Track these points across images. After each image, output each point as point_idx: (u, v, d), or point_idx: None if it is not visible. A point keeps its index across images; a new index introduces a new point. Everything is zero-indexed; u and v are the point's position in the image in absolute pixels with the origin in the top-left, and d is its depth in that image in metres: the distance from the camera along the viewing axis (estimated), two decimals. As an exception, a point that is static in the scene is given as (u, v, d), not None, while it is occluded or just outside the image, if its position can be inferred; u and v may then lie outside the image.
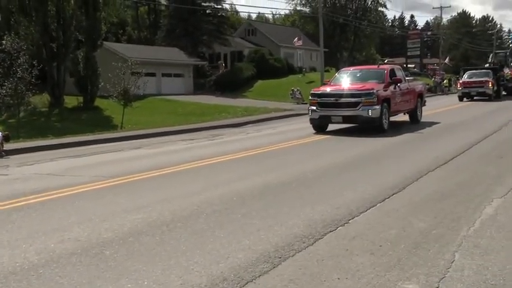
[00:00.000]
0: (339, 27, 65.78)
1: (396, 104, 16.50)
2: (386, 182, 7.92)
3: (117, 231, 5.72)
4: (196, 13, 51.84)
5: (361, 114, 14.98)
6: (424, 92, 20.09)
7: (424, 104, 19.49)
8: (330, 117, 15.63)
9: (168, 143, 15.60)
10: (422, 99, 19.31)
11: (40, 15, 30.40)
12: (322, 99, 15.85)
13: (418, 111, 18.56)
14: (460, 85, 34.05)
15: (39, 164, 11.72)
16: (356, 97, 15.18)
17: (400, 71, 18.36)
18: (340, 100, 15.44)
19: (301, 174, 9.01)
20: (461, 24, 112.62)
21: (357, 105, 15.03)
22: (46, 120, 28.38)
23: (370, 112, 14.85)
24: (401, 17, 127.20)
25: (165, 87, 44.15)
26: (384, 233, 5.40)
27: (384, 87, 15.82)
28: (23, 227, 6.05)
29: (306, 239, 5.25)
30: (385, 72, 16.76)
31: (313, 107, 15.93)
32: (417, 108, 18.46)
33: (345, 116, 15.39)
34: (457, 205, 6.51)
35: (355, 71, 18.42)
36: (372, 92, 14.97)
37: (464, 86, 33.26)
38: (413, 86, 18.75)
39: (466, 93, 32.89)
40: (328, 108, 15.58)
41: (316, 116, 15.85)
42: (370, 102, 14.86)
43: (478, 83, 32.65)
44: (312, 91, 16.86)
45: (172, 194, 7.57)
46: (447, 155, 10.50)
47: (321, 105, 15.72)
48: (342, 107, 15.41)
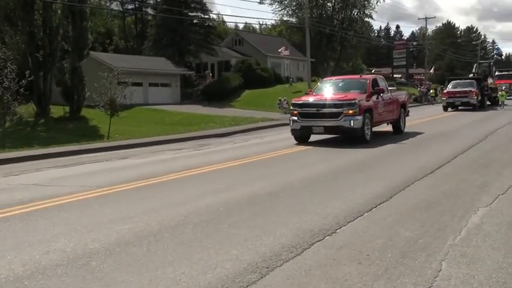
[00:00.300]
0: (326, 37, 66.08)
1: (379, 114, 16.37)
2: (373, 192, 7.95)
3: (103, 242, 5.68)
4: (184, 23, 51.92)
5: (343, 125, 14.83)
6: (407, 102, 19.98)
7: (407, 114, 19.43)
8: (311, 127, 15.46)
9: (155, 152, 15.55)
10: (406, 110, 19.24)
11: (26, 24, 30.26)
12: (303, 109, 15.62)
13: (401, 122, 18.44)
14: (445, 95, 34.35)
15: (24, 174, 11.63)
16: (338, 107, 14.97)
17: (382, 81, 18.21)
18: (321, 110, 15.25)
19: (288, 183, 9.02)
20: (446, 34, 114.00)
21: (338, 116, 14.84)
22: (32, 130, 28.18)
23: (352, 122, 14.69)
24: (387, 27, 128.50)
25: (152, 97, 44.09)
26: (371, 243, 5.41)
27: (366, 98, 15.69)
28: (8, 238, 5.99)
29: (294, 248, 5.25)
30: (368, 82, 16.62)
31: (294, 118, 15.70)
32: (400, 119, 18.34)
33: (326, 126, 15.19)
34: (443, 214, 6.55)
35: (337, 80, 18.23)
36: (353, 102, 14.82)
37: (448, 96, 33.55)
38: (396, 96, 18.63)
39: (450, 103, 33.18)
40: (310, 118, 15.37)
41: (298, 126, 15.65)
42: (352, 112, 14.70)
43: (463, 93, 32.95)
44: (293, 101, 16.69)
45: (159, 204, 7.53)
46: (432, 165, 10.56)
47: (302, 115, 15.51)
48: (323, 118, 15.19)
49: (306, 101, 16.07)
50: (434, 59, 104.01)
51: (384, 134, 17.64)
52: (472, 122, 23.03)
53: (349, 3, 69.03)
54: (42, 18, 31.37)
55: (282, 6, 69.92)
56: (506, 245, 5.27)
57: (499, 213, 6.59)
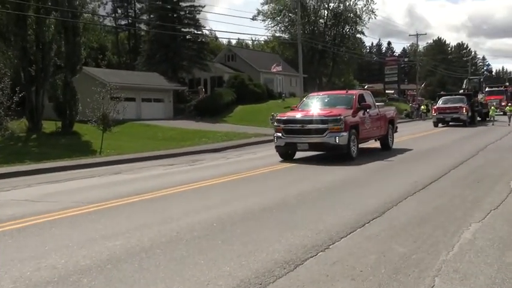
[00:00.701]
0: (318, 53, 66.59)
1: (365, 130, 16.07)
2: (366, 207, 7.95)
3: (95, 259, 5.63)
4: (177, 39, 52.11)
5: (328, 141, 14.52)
6: (396, 118, 19.68)
7: (395, 130, 19.17)
8: (296, 144, 15.07)
9: (148, 168, 15.50)
10: (394, 126, 18.94)
11: (19, 39, 30.24)
12: (288, 125, 15.30)
13: (389, 138, 18.13)
14: (435, 111, 34.39)
15: (16, 189, 11.55)
16: (322, 123, 14.69)
17: (369, 96, 17.85)
18: (306, 126, 14.96)
19: (281, 199, 9.00)
20: (437, 51, 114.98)
21: (323, 132, 14.54)
22: (24, 146, 28.03)
23: (337, 139, 14.38)
24: (378, 43, 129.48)
25: (144, 112, 44.07)
26: (364, 258, 5.40)
27: (353, 113, 15.42)
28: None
29: (287, 264, 5.23)
30: (354, 97, 16.32)
31: (279, 134, 15.33)
32: (388, 135, 18.04)
33: (311, 143, 14.87)
34: (436, 229, 6.56)
35: (323, 96, 17.93)
36: (339, 118, 14.51)
37: (439, 112, 33.62)
38: (383, 111, 18.25)
39: (440, 119, 33.25)
40: (294, 134, 15.07)
41: (282, 143, 15.29)
42: (337, 128, 14.40)
43: (453, 108, 33.07)
44: (277, 117, 16.31)
45: (151, 220, 7.49)
46: (423, 181, 10.57)
47: (287, 131, 15.18)
48: (308, 134, 14.90)
49: (290, 117, 15.74)
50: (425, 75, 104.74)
51: (371, 150, 17.49)
52: (463, 138, 23.13)
53: (341, 20, 69.68)
54: (35, 33, 31.37)
55: (274, 23, 70.65)
56: (499, 261, 5.27)
57: (492, 228, 6.60)
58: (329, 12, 70.92)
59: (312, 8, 69.95)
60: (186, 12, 54.89)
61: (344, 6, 69.86)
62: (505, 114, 37.30)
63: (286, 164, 14.67)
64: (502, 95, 54.06)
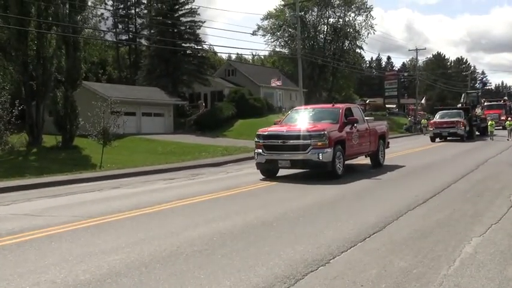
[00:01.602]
0: (318, 68, 66.81)
1: (353, 146, 15.28)
2: (367, 221, 7.93)
3: (94, 273, 5.61)
4: (177, 53, 52.37)
5: (310, 158, 13.64)
6: (387, 133, 18.80)
7: (387, 146, 18.49)
8: (277, 161, 14.17)
9: (148, 182, 15.48)
10: (385, 141, 18.19)
11: (20, 54, 30.36)
12: (268, 141, 14.38)
13: (380, 154, 17.27)
14: (432, 125, 33.94)
15: (16, 203, 11.52)
16: (305, 139, 13.81)
17: (358, 110, 17.03)
18: (287, 142, 14.03)
19: (282, 213, 8.98)
20: (437, 65, 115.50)
21: (306, 148, 13.67)
22: (24, 160, 28.01)
23: (321, 156, 13.52)
24: (378, 58, 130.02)
25: (145, 127, 44.13)
26: (365, 273, 5.38)
27: (339, 128, 14.62)
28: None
29: (287, 279, 5.21)
30: (340, 111, 15.44)
31: (259, 150, 14.48)
32: (379, 151, 17.21)
33: (293, 160, 13.95)
34: (437, 244, 6.54)
35: (308, 110, 17.04)
36: (322, 134, 13.70)
37: (435, 127, 33.13)
38: (373, 126, 17.32)
39: (437, 134, 32.83)
40: (275, 151, 14.17)
41: (263, 160, 14.40)
42: (321, 144, 13.57)
43: (450, 123, 32.57)
44: (258, 132, 15.11)
45: (151, 234, 7.47)
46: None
47: (267, 148, 14.30)
48: (289, 150, 13.98)
49: (271, 132, 14.79)
50: (425, 90, 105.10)
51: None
52: (461, 153, 23.08)
53: (340, 35, 70.03)
54: (36, 48, 31.51)
55: (274, 38, 70.93)
56: (501, 275, 5.25)
57: (493, 242, 6.58)
58: (329, 28, 71.35)
59: (312, 23, 70.34)
60: (187, 27, 55.25)
61: (343, 22, 70.30)
62: (504, 129, 37.25)
63: (288, 178, 14.63)
64: (501, 109, 54.19)
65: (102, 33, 71.16)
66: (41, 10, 31.34)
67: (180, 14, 54.95)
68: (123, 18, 69.77)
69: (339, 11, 70.28)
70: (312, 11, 69.98)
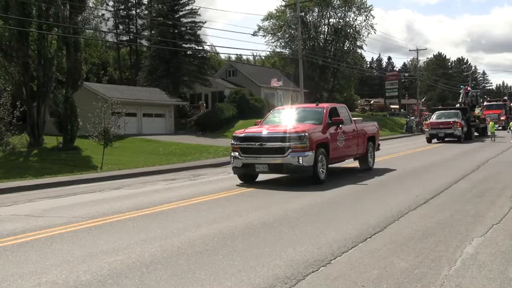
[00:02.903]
0: (319, 68, 66.84)
1: (338, 149, 14.32)
2: (368, 221, 7.93)
3: (95, 274, 5.61)
4: (178, 54, 52.36)
5: (290, 162, 12.65)
6: (377, 135, 17.78)
7: (377, 148, 17.61)
8: (254, 165, 13.16)
9: (149, 183, 15.49)
10: (375, 143, 17.25)
11: (21, 55, 30.36)
12: (245, 143, 13.42)
13: (369, 157, 16.42)
14: (428, 126, 33.01)
15: (17, 204, 11.54)
16: (283, 141, 12.82)
17: (344, 110, 16.01)
18: (265, 145, 13.03)
19: (283, 214, 8.98)
20: (438, 65, 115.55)
21: (284, 151, 12.70)
22: (25, 161, 28.00)
23: (301, 159, 12.53)
24: (379, 58, 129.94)
25: (146, 127, 44.13)
26: (366, 273, 5.38)
27: (323, 130, 13.72)
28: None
29: (288, 280, 5.21)
30: (324, 111, 14.50)
31: (235, 153, 13.55)
32: (368, 153, 16.35)
33: (271, 164, 12.93)
34: (438, 244, 6.53)
35: (290, 110, 16.11)
36: (302, 135, 12.69)
37: (431, 127, 32.26)
38: (362, 127, 16.36)
39: (433, 135, 31.95)
40: (252, 154, 13.21)
41: (239, 164, 13.46)
42: (301, 147, 12.59)
43: (446, 124, 31.73)
44: (234, 134, 14.23)
45: (152, 235, 7.47)
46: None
47: (244, 150, 13.35)
48: (267, 153, 13.01)
49: (248, 133, 13.74)
50: (426, 90, 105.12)
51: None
52: (459, 154, 23.04)
53: (341, 36, 70.07)
54: (37, 49, 31.52)
55: (275, 38, 70.96)
56: (502, 275, 5.25)
57: (494, 243, 6.58)
58: (329, 28, 71.40)
59: (313, 24, 70.41)
60: (187, 28, 55.24)
61: (344, 22, 70.35)
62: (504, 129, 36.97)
63: (288, 178, 14.62)
64: (501, 109, 54.05)
65: (103, 34, 71.25)
66: (42, 11, 31.38)
67: (181, 14, 54.96)
68: (123, 19, 69.75)
69: (340, 12, 70.39)
70: (313, 12, 70.10)
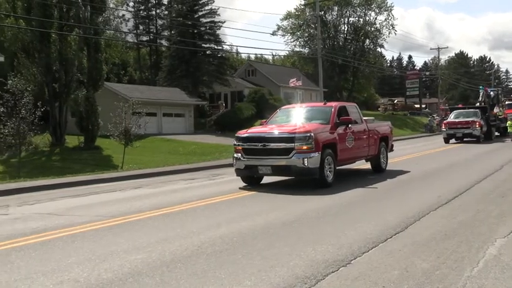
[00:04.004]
0: (338, 67, 66.56)
1: (346, 150, 13.64)
2: (389, 222, 7.87)
3: (116, 272, 5.66)
4: (197, 54, 52.54)
5: (294, 164, 11.99)
6: (390, 135, 17.02)
7: (391, 149, 16.87)
8: (257, 167, 12.58)
9: (169, 182, 15.56)
10: (388, 144, 16.51)
11: (43, 56, 30.76)
12: (247, 144, 12.79)
13: (381, 158, 15.69)
14: (445, 126, 31.68)
15: (39, 203, 11.68)
16: (287, 142, 12.17)
17: (355, 109, 15.44)
18: (268, 146, 12.36)
19: (302, 213, 8.96)
20: (459, 64, 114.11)
21: (289, 152, 12.06)
22: (47, 160, 28.36)
23: (306, 161, 11.87)
24: (399, 57, 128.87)
25: (165, 127, 44.36)
26: (387, 274, 5.34)
27: (330, 129, 13.07)
28: (21, 268, 5.99)
29: (308, 279, 5.19)
30: (332, 110, 13.82)
31: (238, 155, 12.90)
32: (380, 155, 15.60)
33: (274, 166, 12.30)
34: (460, 245, 6.46)
35: (297, 109, 15.54)
36: (307, 136, 12.01)
37: (449, 127, 30.96)
38: (373, 127, 15.67)
39: (451, 135, 30.68)
40: (255, 156, 12.55)
41: (241, 165, 12.85)
42: (306, 148, 11.94)
43: (464, 123, 30.37)
44: (237, 134, 13.51)
45: (172, 234, 7.51)
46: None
47: (247, 152, 12.72)
48: (270, 155, 12.35)
49: (251, 134, 13.17)
50: (447, 89, 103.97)
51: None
52: (481, 154, 22.74)
53: (361, 34, 69.70)
54: (58, 50, 31.90)
55: (294, 38, 70.85)
56: (525, 277, 5.17)
57: (517, 244, 6.49)
58: (349, 27, 71.09)
59: (332, 23, 70.15)
60: (207, 28, 55.40)
61: (364, 21, 69.98)
62: None
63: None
64: (523, 108, 52.86)
65: (123, 35, 71.82)
66: (63, 12, 31.76)
67: (200, 14, 55.14)
68: (144, 20, 70.23)
69: (359, 10, 70.02)
70: (332, 11, 69.84)
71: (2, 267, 6.05)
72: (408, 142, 36.41)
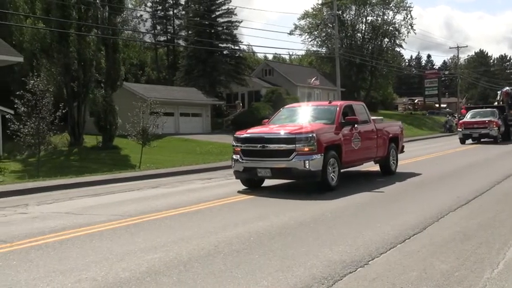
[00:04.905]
0: (356, 67, 66.27)
1: (352, 151, 12.97)
2: (407, 222, 7.80)
3: (134, 271, 5.68)
4: (214, 54, 52.66)
5: (295, 167, 11.36)
6: (401, 136, 16.32)
7: (401, 150, 16.26)
8: (256, 169, 11.92)
9: (186, 182, 15.60)
10: (399, 145, 15.87)
11: (62, 56, 31.08)
12: (246, 145, 12.17)
13: (391, 160, 15.07)
14: (461, 126, 30.62)
15: (58, 202, 11.78)
16: (288, 143, 11.52)
17: (362, 108, 14.82)
18: (268, 147, 11.73)
19: (319, 214, 8.93)
20: (479, 63, 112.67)
21: (289, 154, 11.41)
22: (65, 160, 28.64)
23: (308, 163, 11.22)
24: (418, 56, 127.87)
25: (183, 127, 44.53)
26: (405, 275, 5.29)
27: (335, 130, 12.43)
28: (40, 266, 6.04)
29: (325, 280, 5.16)
30: (337, 109, 13.20)
31: (237, 156, 12.30)
32: (390, 156, 14.99)
33: (274, 168, 11.67)
34: (479, 246, 6.38)
35: (301, 108, 14.91)
36: (309, 136, 11.35)
37: (465, 127, 29.95)
38: (382, 127, 15.06)
39: (467, 135, 29.71)
40: (254, 157, 11.94)
41: (240, 168, 12.22)
42: (308, 149, 11.28)
43: (481, 123, 29.36)
44: (235, 134, 12.96)
45: (189, 234, 7.52)
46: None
47: (245, 153, 12.09)
48: (270, 157, 11.73)
49: (250, 134, 12.46)
50: (467, 88, 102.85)
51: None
52: (500, 155, 22.46)
53: (379, 34, 69.30)
54: (77, 50, 32.20)
55: (311, 37, 70.70)
56: (547, 279, 5.08)
57: (538, 245, 6.38)
58: (367, 26, 70.72)
59: (350, 22, 69.86)
60: (224, 27, 55.51)
61: (382, 20, 69.57)
62: None
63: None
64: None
65: (141, 35, 72.24)
66: (81, 13, 32.04)
67: (217, 14, 55.27)
68: (161, 20, 70.59)
69: (377, 9, 69.62)
70: (350, 10, 69.56)
71: (21, 265, 6.10)
72: (426, 142, 36.11)
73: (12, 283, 5.43)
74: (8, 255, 6.65)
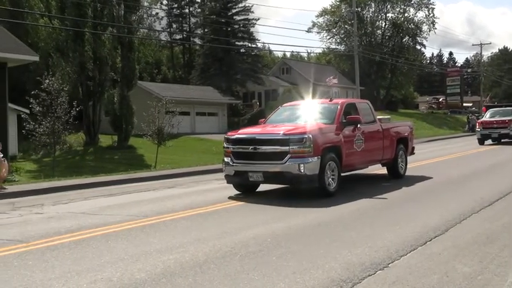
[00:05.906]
0: (376, 65, 65.72)
1: (354, 153, 12.00)
2: (427, 224, 7.65)
3: (149, 272, 5.61)
4: (231, 52, 52.64)
5: (289, 170, 10.43)
6: (411, 137, 15.20)
7: (411, 152, 15.26)
8: (247, 173, 11.00)
9: (202, 182, 15.54)
10: (408, 146, 14.80)
11: (77, 55, 31.23)
12: (237, 147, 11.30)
13: (399, 163, 14.01)
14: (479, 125, 29.24)
15: (73, 202, 11.79)
16: (281, 145, 10.62)
17: (366, 106, 13.80)
18: (260, 149, 10.85)
19: (338, 214, 8.81)
20: (503, 60, 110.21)
21: (283, 157, 10.51)
22: (81, 159, 28.81)
23: (303, 167, 10.31)
24: (439, 54, 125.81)
25: (198, 126, 44.56)
26: (426, 278, 5.15)
27: (335, 130, 11.47)
28: (56, 266, 6.01)
29: (344, 283, 5.05)
30: (338, 108, 12.18)
31: (227, 159, 11.41)
32: (398, 158, 13.90)
33: (266, 172, 10.74)
34: (503, 249, 6.22)
35: (299, 106, 13.88)
36: (304, 137, 10.42)
37: (483, 127, 28.54)
38: (390, 128, 14.02)
39: (486, 135, 28.32)
40: (245, 160, 11.08)
41: (231, 171, 11.34)
42: (303, 151, 10.39)
43: (501, 123, 27.83)
44: (226, 135, 12.03)
45: (205, 235, 7.44)
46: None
47: (236, 156, 11.23)
48: (262, 159, 10.86)
49: (241, 135, 11.61)
50: (490, 86, 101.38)
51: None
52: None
53: (400, 31, 68.72)
54: (92, 49, 32.33)
55: (330, 35, 70.39)
56: None
57: None
58: (387, 23, 70.18)
59: (369, 19, 69.40)
60: (240, 25, 55.52)
61: (403, 17, 68.97)
62: None
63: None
64: None
65: (156, 33, 72.50)
66: (97, 11, 32.16)
67: (234, 12, 55.29)
68: (177, 18, 70.85)
69: (398, 6, 69.03)
70: (369, 7, 69.10)
71: (37, 266, 6.08)
72: (445, 142, 35.72)
73: (28, 283, 5.41)
74: (24, 255, 6.63)
